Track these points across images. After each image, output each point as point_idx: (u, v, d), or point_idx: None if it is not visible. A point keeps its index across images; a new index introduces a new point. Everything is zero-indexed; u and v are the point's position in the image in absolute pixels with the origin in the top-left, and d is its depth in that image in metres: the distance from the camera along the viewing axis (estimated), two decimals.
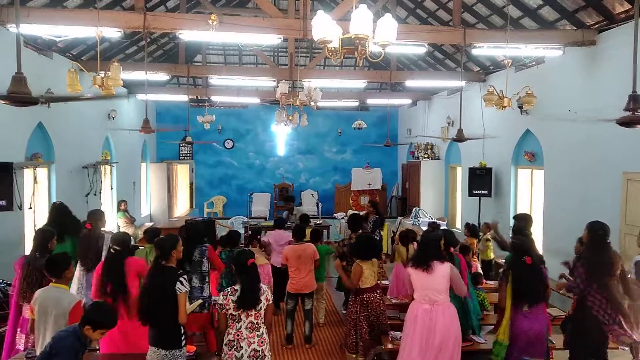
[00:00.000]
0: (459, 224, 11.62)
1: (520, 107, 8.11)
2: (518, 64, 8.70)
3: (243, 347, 3.77)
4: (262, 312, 3.86)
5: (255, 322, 3.83)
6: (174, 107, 15.27)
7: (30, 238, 7.39)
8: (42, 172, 7.99)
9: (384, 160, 16.31)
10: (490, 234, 7.19)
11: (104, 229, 6.04)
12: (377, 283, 5.19)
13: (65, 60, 8.55)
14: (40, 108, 6.92)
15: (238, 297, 3.81)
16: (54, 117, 8.00)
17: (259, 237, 7.20)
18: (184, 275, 3.90)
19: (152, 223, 12.72)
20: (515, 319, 4.33)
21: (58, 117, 8.15)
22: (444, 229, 6.09)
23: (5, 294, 6.07)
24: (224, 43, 12.72)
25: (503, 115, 8.32)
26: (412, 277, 4.43)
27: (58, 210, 5.79)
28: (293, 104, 8.96)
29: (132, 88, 11.97)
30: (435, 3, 9.46)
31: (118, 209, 10.52)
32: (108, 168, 10.58)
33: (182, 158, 16.24)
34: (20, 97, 3.85)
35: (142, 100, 12.45)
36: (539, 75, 8.30)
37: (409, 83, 11.60)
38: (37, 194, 7.51)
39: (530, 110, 8.10)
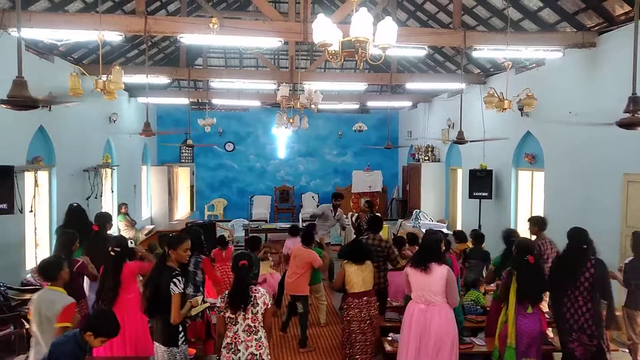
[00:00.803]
0: (460, 226, 11.61)
1: (521, 109, 8.12)
2: (518, 66, 8.71)
3: (240, 350, 3.76)
4: (259, 315, 3.82)
5: (253, 325, 3.80)
6: (175, 110, 15.29)
7: (31, 241, 7.44)
8: (43, 175, 8.00)
9: (385, 163, 16.32)
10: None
11: (109, 232, 6.08)
12: (369, 290, 5.08)
13: (67, 64, 8.58)
14: (42, 111, 6.92)
15: (228, 298, 3.82)
16: (55, 120, 8.01)
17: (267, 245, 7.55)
18: (179, 277, 3.89)
19: (152, 226, 12.73)
20: (517, 320, 4.32)
21: (59, 120, 8.16)
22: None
23: (7, 298, 6.08)
24: (225, 46, 12.74)
25: (503, 118, 8.34)
26: (409, 276, 4.42)
27: (76, 212, 5.93)
28: (294, 107, 8.96)
29: (133, 91, 12.00)
30: (436, 6, 9.48)
31: (119, 212, 10.53)
32: (109, 171, 10.59)
33: (182, 161, 16.25)
34: (21, 101, 3.86)
35: (143, 104, 12.50)
36: (539, 78, 8.31)
37: (410, 85, 11.61)
38: (38, 198, 7.52)
39: (531, 112, 8.10)
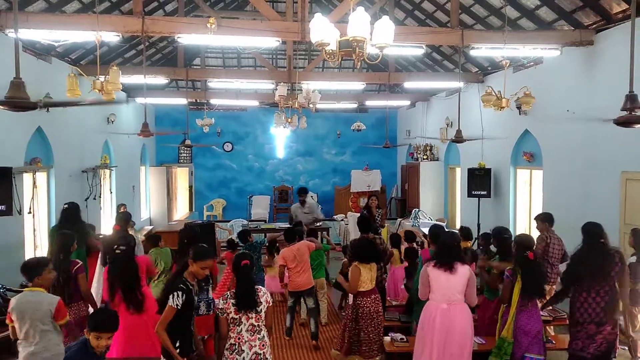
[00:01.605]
0: (459, 225, 11.61)
1: (519, 107, 8.13)
2: (516, 65, 8.72)
3: (244, 350, 3.76)
4: (262, 314, 3.85)
5: (256, 324, 3.82)
6: (173, 110, 15.28)
7: (30, 243, 7.44)
8: (41, 176, 7.98)
9: (383, 162, 16.32)
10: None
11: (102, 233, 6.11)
12: (374, 287, 5.13)
13: (64, 65, 8.56)
14: (39, 113, 6.91)
15: (234, 299, 3.81)
16: (53, 121, 7.99)
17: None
18: (179, 292, 3.65)
19: (151, 227, 12.72)
20: (517, 317, 4.33)
21: (57, 121, 8.14)
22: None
23: (6, 299, 6.07)
24: (223, 46, 12.73)
25: (501, 116, 8.34)
26: (431, 276, 4.40)
27: (68, 213, 5.96)
28: (292, 107, 8.96)
29: (131, 92, 11.98)
30: (433, 4, 9.48)
31: (117, 213, 10.52)
32: (107, 172, 10.58)
33: (181, 161, 16.24)
34: (19, 102, 3.86)
35: (141, 104, 12.47)
36: (537, 76, 8.32)
37: (408, 84, 11.60)
38: (36, 199, 7.50)
39: (529, 111, 8.12)
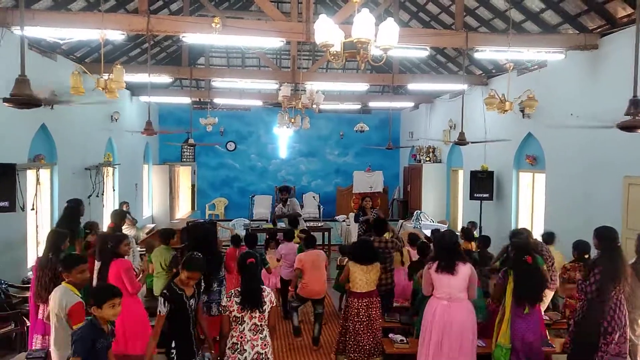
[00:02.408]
0: (461, 227, 11.60)
1: (522, 110, 8.12)
2: (520, 68, 8.71)
3: (247, 349, 3.75)
4: (265, 314, 3.85)
5: (259, 324, 3.82)
6: (177, 109, 15.30)
7: (33, 239, 7.46)
8: (44, 173, 8.01)
9: (386, 163, 16.32)
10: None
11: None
12: (372, 290, 5.10)
13: (69, 63, 8.60)
14: (43, 110, 6.92)
15: (240, 297, 3.81)
16: (57, 118, 8.02)
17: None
18: (162, 299, 3.74)
19: (153, 225, 12.74)
20: (514, 322, 4.32)
21: (61, 118, 8.17)
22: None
23: (8, 295, 6.10)
24: (227, 46, 12.74)
25: (505, 119, 8.33)
26: (433, 277, 4.45)
27: (68, 211, 6.02)
28: (295, 107, 8.96)
29: (135, 90, 12.01)
30: (438, 7, 9.48)
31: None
32: (110, 170, 10.60)
33: (184, 160, 16.26)
34: (23, 99, 3.88)
35: (145, 103, 12.52)
36: (541, 79, 8.31)
37: (411, 86, 11.61)
38: (39, 196, 7.53)
39: (532, 114, 8.11)
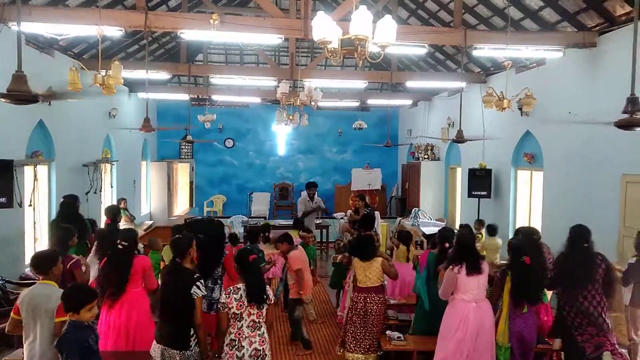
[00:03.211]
0: (459, 225, 11.62)
1: (520, 108, 8.12)
2: (519, 66, 8.71)
3: (244, 346, 3.76)
4: (264, 311, 3.87)
5: (257, 321, 3.83)
6: (175, 105, 15.26)
7: (30, 235, 7.45)
8: (42, 169, 8.00)
9: (384, 161, 16.32)
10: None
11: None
12: (371, 286, 5.10)
13: (67, 59, 8.57)
14: (41, 106, 6.90)
15: (247, 292, 3.81)
16: (55, 115, 8.00)
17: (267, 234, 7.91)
18: (201, 280, 3.90)
19: (152, 222, 12.74)
20: (512, 321, 4.33)
21: (59, 115, 8.15)
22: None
23: (5, 291, 6.10)
24: (225, 42, 12.73)
25: (503, 117, 8.33)
26: (461, 280, 4.37)
27: (65, 206, 6.05)
28: (294, 104, 8.95)
29: (133, 86, 11.99)
30: (437, 4, 9.47)
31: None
32: (108, 166, 10.59)
33: (182, 157, 16.25)
34: (20, 95, 3.87)
35: (143, 99, 12.47)
36: (540, 77, 8.31)
37: (410, 84, 11.61)
38: (37, 192, 7.52)
39: (531, 112, 8.09)
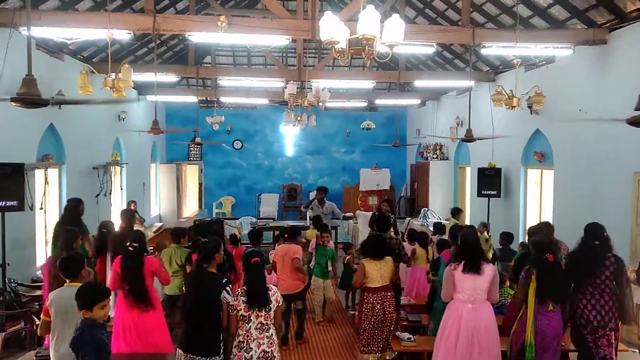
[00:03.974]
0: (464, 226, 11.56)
1: (530, 107, 8.06)
2: (528, 64, 8.64)
3: (253, 348, 3.77)
4: (271, 313, 3.87)
5: (265, 323, 3.84)
6: (184, 108, 15.34)
7: (41, 238, 7.52)
8: (53, 172, 8.07)
9: (393, 161, 16.27)
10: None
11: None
12: (386, 285, 5.09)
13: (77, 62, 8.65)
14: (51, 109, 6.99)
15: (246, 296, 3.82)
16: (65, 118, 8.07)
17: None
18: (229, 285, 3.93)
19: (161, 223, 12.80)
20: (535, 319, 4.26)
21: (69, 118, 8.22)
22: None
23: (17, 294, 6.15)
24: (233, 44, 12.76)
25: (513, 115, 8.28)
26: (457, 278, 4.37)
27: (67, 209, 6.07)
28: (301, 105, 8.95)
29: (142, 89, 12.06)
30: (445, 3, 9.42)
31: (122, 210, 10.60)
32: (118, 169, 10.66)
33: (191, 159, 16.32)
34: (31, 98, 3.90)
35: (151, 102, 12.54)
36: (549, 75, 8.23)
37: (418, 83, 11.56)
38: (48, 195, 7.59)
39: (540, 110, 8.04)
